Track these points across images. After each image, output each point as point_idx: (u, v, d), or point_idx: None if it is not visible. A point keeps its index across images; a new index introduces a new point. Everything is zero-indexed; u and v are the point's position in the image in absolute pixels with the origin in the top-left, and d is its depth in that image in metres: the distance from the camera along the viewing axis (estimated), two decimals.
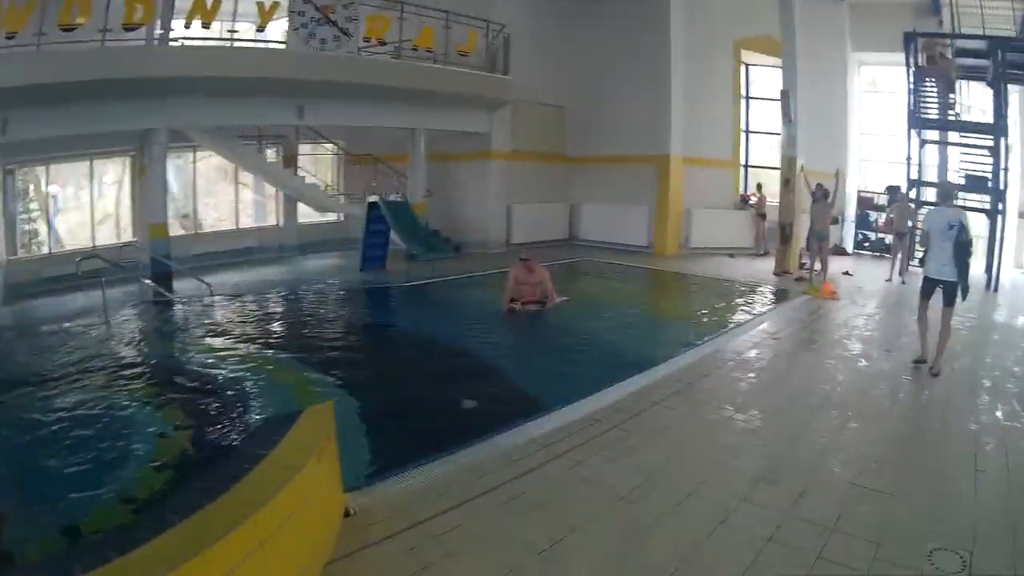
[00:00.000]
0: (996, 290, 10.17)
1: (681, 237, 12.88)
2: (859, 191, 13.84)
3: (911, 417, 4.60)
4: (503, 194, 12.76)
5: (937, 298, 5.38)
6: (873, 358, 6.07)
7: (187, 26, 8.56)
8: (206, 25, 8.62)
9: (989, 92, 11.64)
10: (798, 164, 10.83)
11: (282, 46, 9.54)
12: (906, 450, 4.00)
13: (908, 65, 11.81)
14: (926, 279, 5.43)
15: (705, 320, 7.53)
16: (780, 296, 9.08)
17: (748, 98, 13.90)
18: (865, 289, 9.82)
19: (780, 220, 10.78)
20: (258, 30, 9.21)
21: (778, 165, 11.31)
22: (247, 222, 13.02)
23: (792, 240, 10.78)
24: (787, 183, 10.73)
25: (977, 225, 12.42)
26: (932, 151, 13.09)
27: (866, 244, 13.87)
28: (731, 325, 7.25)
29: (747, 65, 13.83)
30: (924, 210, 10.33)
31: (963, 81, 11.89)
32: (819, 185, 10.13)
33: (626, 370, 5.22)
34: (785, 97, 10.92)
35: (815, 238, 9.95)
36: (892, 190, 13.10)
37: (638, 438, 3.96)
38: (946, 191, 5.96)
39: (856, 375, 5.57)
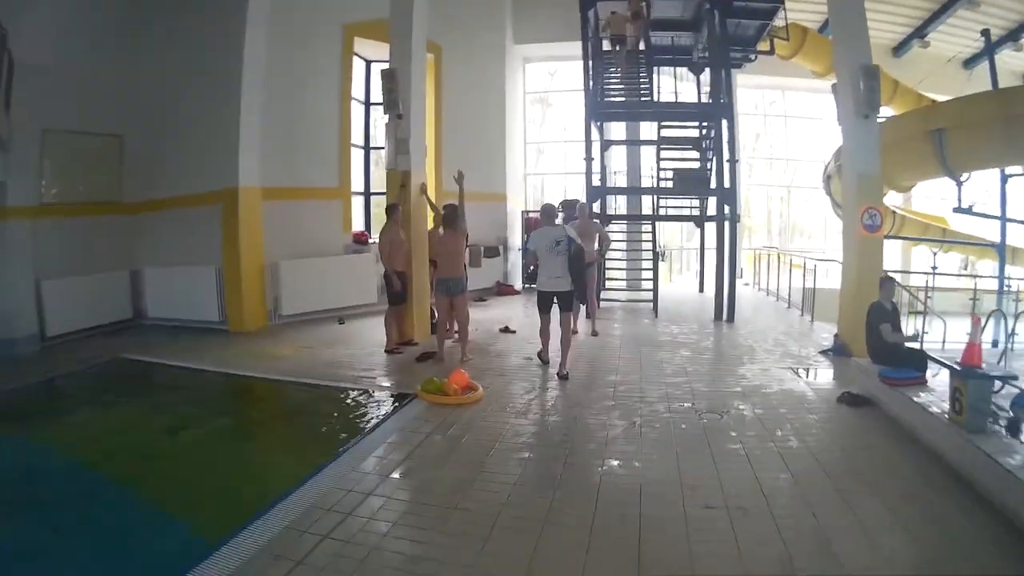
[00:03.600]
0: (732, 320, 7.48)
1: (269, 302, 8.25)
2: (525, 212, 11.00)
3: None
4: (30, 268, 7.22)
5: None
6: None
7: None
8: None
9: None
10: (414, 182, 6.96)
11: None
12: None
13: (585, 41, 9.21)
14: (541, 293, 5.55)
15: (207, 533, 2.80)
16: (385, 412, 4.65)
17: (368, 104, 10.04)
18: (535, 359, 6.11)
19: (387, 267, 6.55)
20: None
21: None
22: None
23: (411, 296, 6.77)
24: (391, 211, 6.64)
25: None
26: (620, 153, 10.93)
27: None
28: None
29: (368, 61, 10.02)
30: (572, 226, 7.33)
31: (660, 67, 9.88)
32: (447, 206, 6.36)
33: None
34: (390, 79, 6.97)
35: (443, 289, 6.07)
36: (568, 205, 10.39)
37: None
38: (548, 212, 5.72)
39: None
